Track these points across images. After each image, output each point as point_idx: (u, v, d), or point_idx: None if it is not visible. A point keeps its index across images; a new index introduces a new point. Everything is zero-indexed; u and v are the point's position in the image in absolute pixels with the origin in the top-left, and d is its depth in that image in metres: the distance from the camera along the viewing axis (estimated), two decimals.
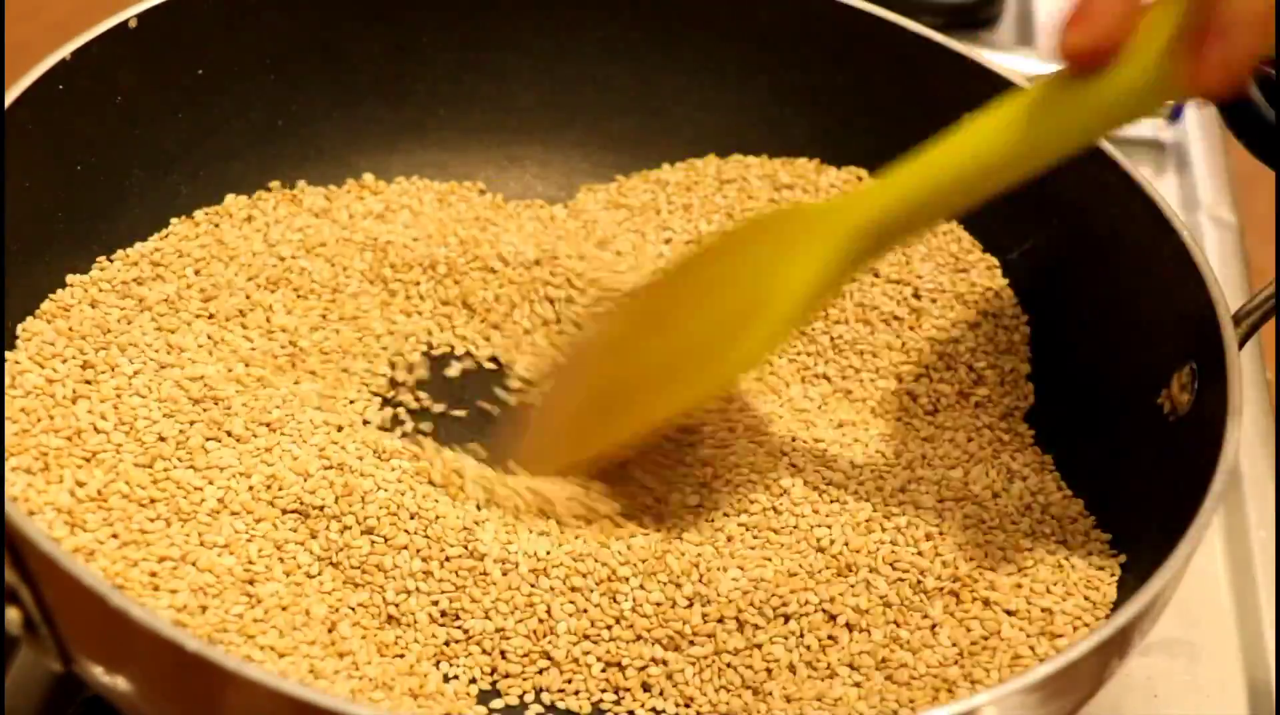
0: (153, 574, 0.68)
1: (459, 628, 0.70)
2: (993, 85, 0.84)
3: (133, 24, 0.79)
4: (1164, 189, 0.76)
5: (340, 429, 0.75)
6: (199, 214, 0.84)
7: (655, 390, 0.73)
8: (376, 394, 0.80)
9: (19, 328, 0.75)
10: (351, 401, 0.79)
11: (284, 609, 0.68)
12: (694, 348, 0.72)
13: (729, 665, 0.69)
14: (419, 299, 0.83)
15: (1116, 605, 0.63)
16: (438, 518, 0.71)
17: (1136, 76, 0.61)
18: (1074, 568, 0.72)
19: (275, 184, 0.86)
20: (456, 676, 0.69)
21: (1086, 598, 0.71)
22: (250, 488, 0.72)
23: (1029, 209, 0.84)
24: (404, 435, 0.78)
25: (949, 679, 0.69)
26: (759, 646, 0.70)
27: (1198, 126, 1.08)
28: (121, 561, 0.67)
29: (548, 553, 0.71)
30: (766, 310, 0.69)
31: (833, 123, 0.89)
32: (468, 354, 0.82)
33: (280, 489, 0.72)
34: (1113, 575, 0.71)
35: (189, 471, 0.72)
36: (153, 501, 0.70)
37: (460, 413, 0.80)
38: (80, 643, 0.61)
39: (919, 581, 0.71)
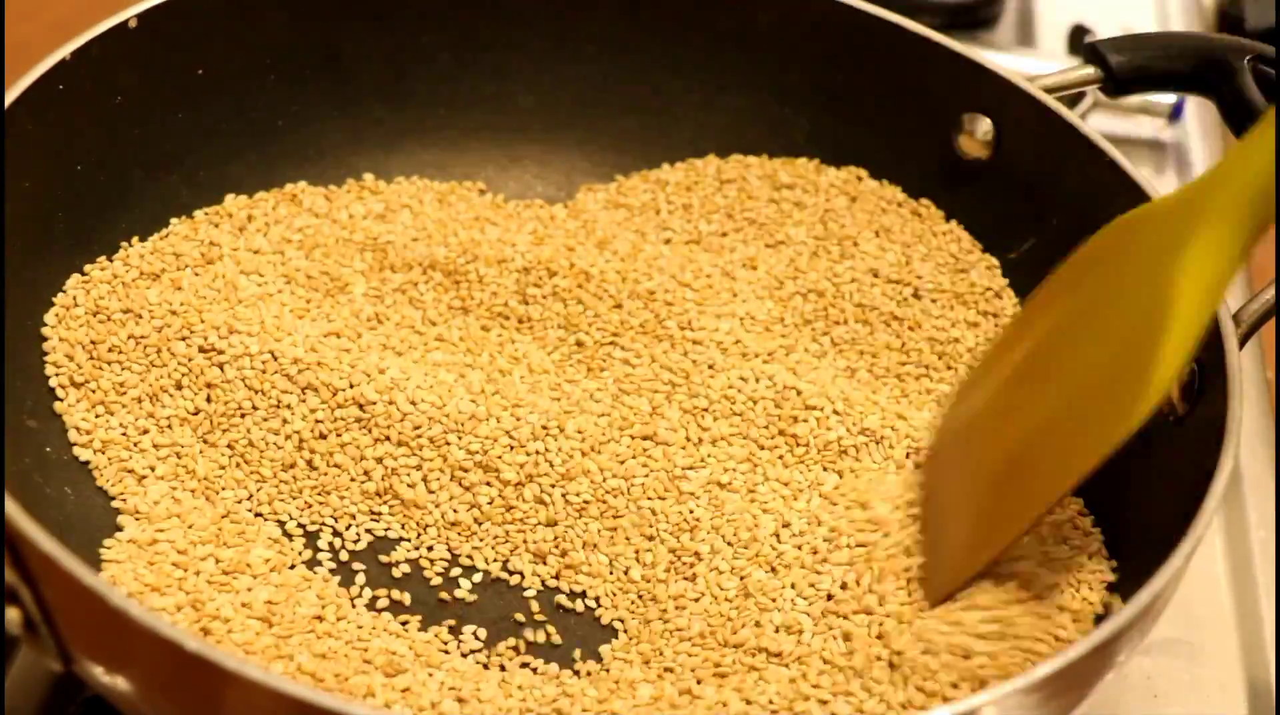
0: None
1: None
2: (993, 85, 0.84)
3: (132, 24, 0.79)
4: (1164, 189, 0.76)
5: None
6: (199, 214, 0.84)
7: (1058, 450, 0.66)
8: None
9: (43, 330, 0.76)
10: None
11: None
12: (1090, 386, 0.66)
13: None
14: (417, 295, 0.83)
15: (1116, 606, 0.63)
16: None
17: None
18: (1069, 568, 0.72)
19: (275, 184, 0.86)
20: None
21: (1084, 598, 0.71)
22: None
23: (1029, 209, 0.84)
24: None
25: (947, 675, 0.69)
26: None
27: (1198, 126, 1.08)
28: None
29: None
30: (1169, 320, 0.62)
31: (833, 123, 0.89)
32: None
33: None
34: (1102, 580, 0.71)
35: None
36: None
37: None
38: (80, 642, 0.61)
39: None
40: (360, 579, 0.73)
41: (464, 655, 0.71)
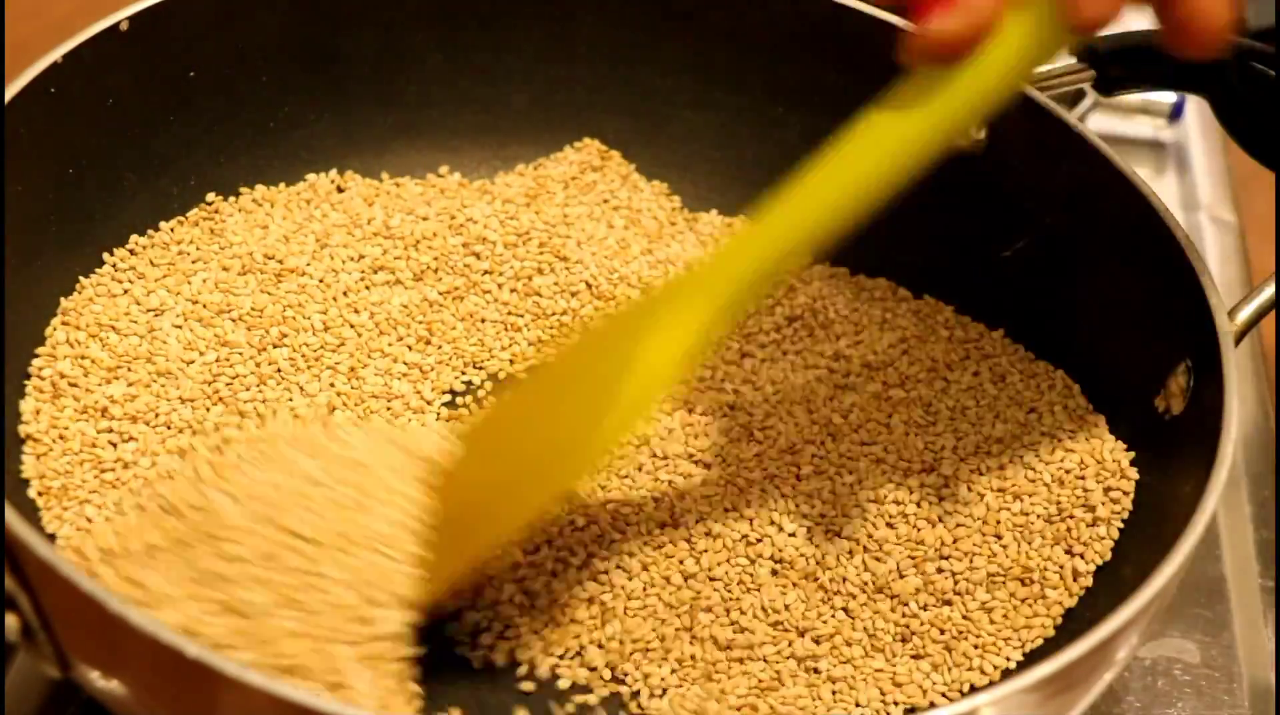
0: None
1: None
2: None
3: (124, 27, 0.78)
4: (1164, 189, 0.76)
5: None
6: (192, 213, 0.83)
7: (526, 486, 0.69)
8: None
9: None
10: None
11: None
12: (560, 438, 0.68)
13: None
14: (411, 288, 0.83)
15: (1117, 605, 0.63)
16: None
17: (1015, 42, 0.60)
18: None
19: (266, 186, 0.86)
20: None
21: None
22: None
23: (1021, 207, 0.84)
24: None
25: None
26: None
27: (1198, 126, 1.08)
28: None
29: None
30: (625, 386, 0.66)
31: (826, 121, 0.88)
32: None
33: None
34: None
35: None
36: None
37: None
38: (78, 649, 0.61)
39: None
40: None
41: None
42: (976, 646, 0.72)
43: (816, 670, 0.71)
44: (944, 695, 0.71)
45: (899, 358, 0.83)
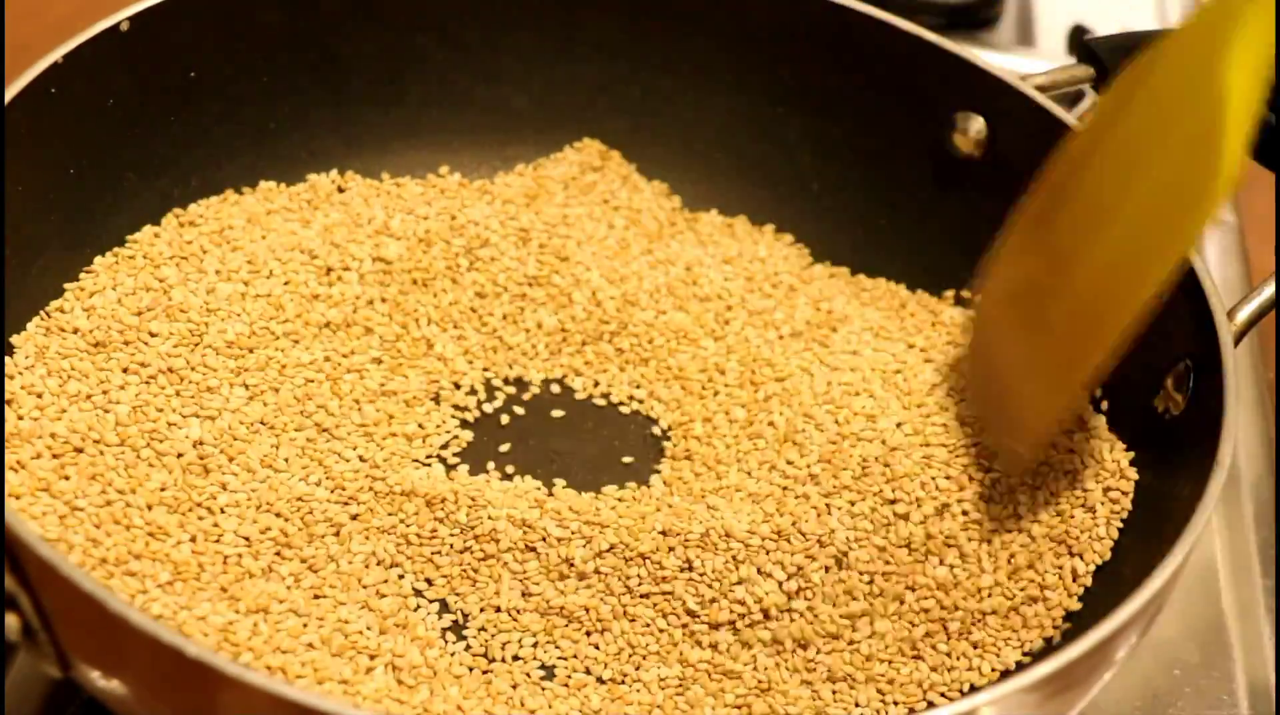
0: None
1: None
2: (985, 84, 0.84)
3: (124, 27, 0.78)
4: None
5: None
6: (192, 208, 0.83)
7: (1128, 272, 0.66)
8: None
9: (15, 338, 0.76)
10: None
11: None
12: (1155, 205, 0.65)
13: None
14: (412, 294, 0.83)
15: (1117, 605, 0.63)
16: None
17: None
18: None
19: (267, 185, 0.86)
20: None
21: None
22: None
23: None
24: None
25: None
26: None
27: None
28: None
29: None
30: (1225, 114, 0.62)
31: (825, 122, 0.89)
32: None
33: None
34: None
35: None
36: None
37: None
38: (78, 648, 0.61)
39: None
40: None
41: None
42: (976, 646, 0.72)
43: (814, 669, 0.71)
44: (943, 695, 0.71)
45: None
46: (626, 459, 0.79)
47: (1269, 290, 0.74)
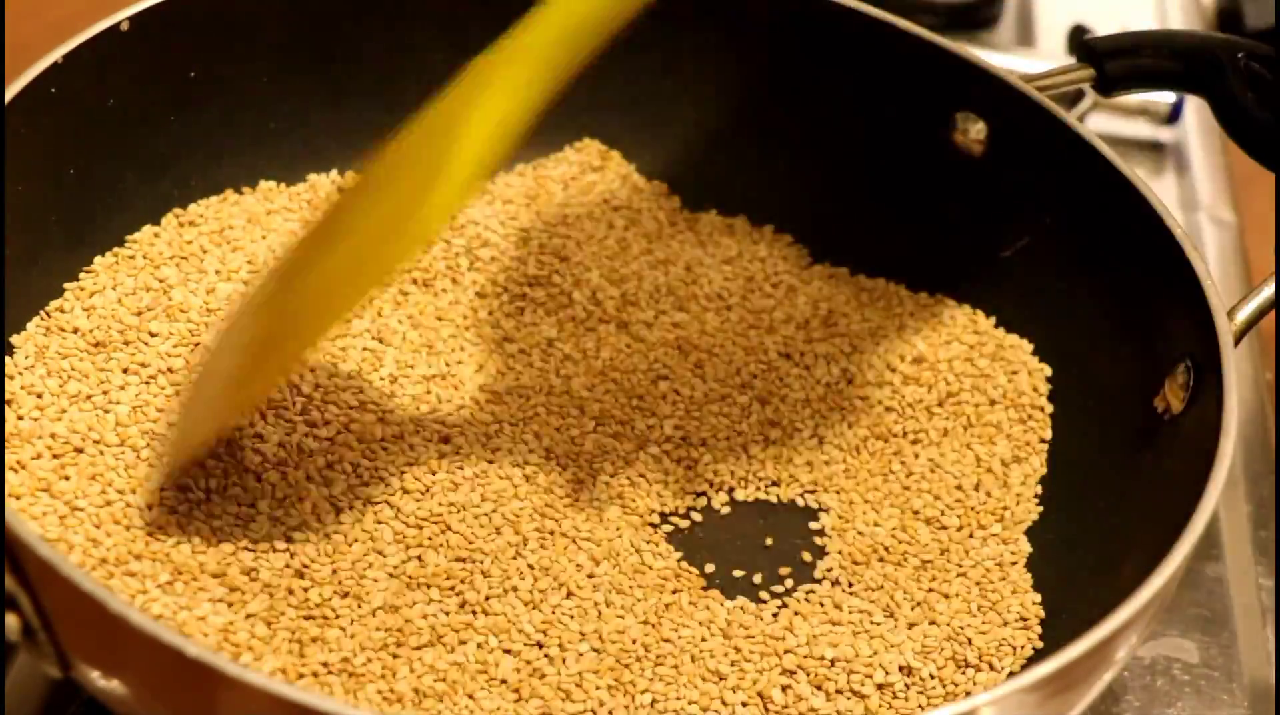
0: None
1: None
2: (985, 84, 0.84)
3: (124, 27, 0.78)
4: (1163, 189, 0.76)
5: None
6: (192, 208, 0.83)
7: (333, 290, 0.67)
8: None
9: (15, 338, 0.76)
10: None
11: None
12: (371, 234, 0.67)
13: None
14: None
15: (1117, 605, 0.63)
16: None
17: None
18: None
19: (267, 185, 0.86)
20: None
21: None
22: None
23: (1022, 208, 0.84)
24: None
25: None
26: None
27: (1196, 127, 1.08)
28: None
29: None
30: (450, 155, 0.65)
31: (829, 124, 0.89)
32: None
33: None
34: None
35: None
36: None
37: None
38: (79, 648, 0.61)
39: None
40: None
41: None
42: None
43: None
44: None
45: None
46: None
47: (1269, 290, 0.74)
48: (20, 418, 0.72)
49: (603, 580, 0.72)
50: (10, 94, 0.73)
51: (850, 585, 0.74)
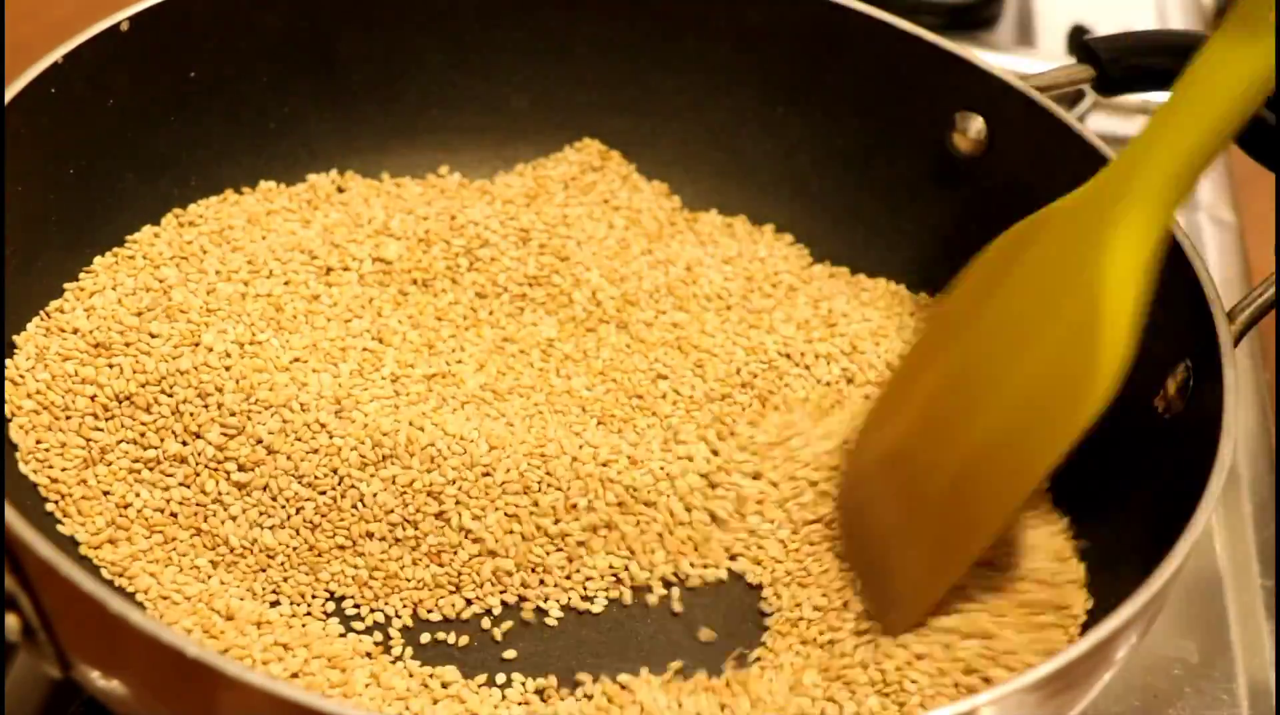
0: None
1: None
2: (984, 84, 0.84)
3: (124, 27, 0.78)
4: None
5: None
6: (192, 208, 0.83)
7: (1005, 464, 0.65)
8: None
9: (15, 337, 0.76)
10: None
11: None
12: (1030, 395, 0.65)
13: None
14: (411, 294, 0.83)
15: (1117, 605, 0.63)
16: None
17: None
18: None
19: (267, 185, 0.86)
20: None
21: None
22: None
23: (1022, 207, 0.84)
24: None
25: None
26: None
27: None
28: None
29: None
30: (1102, 315, 0.62)
31: (828, 124, 0.89)
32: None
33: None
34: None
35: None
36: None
37: None
38: (79, 649, 0.61)
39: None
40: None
41: None
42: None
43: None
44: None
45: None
46: None
47: (1269, 290, 0.74)
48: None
49: None
50: (10, 94, 0.73)
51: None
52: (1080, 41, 0.85)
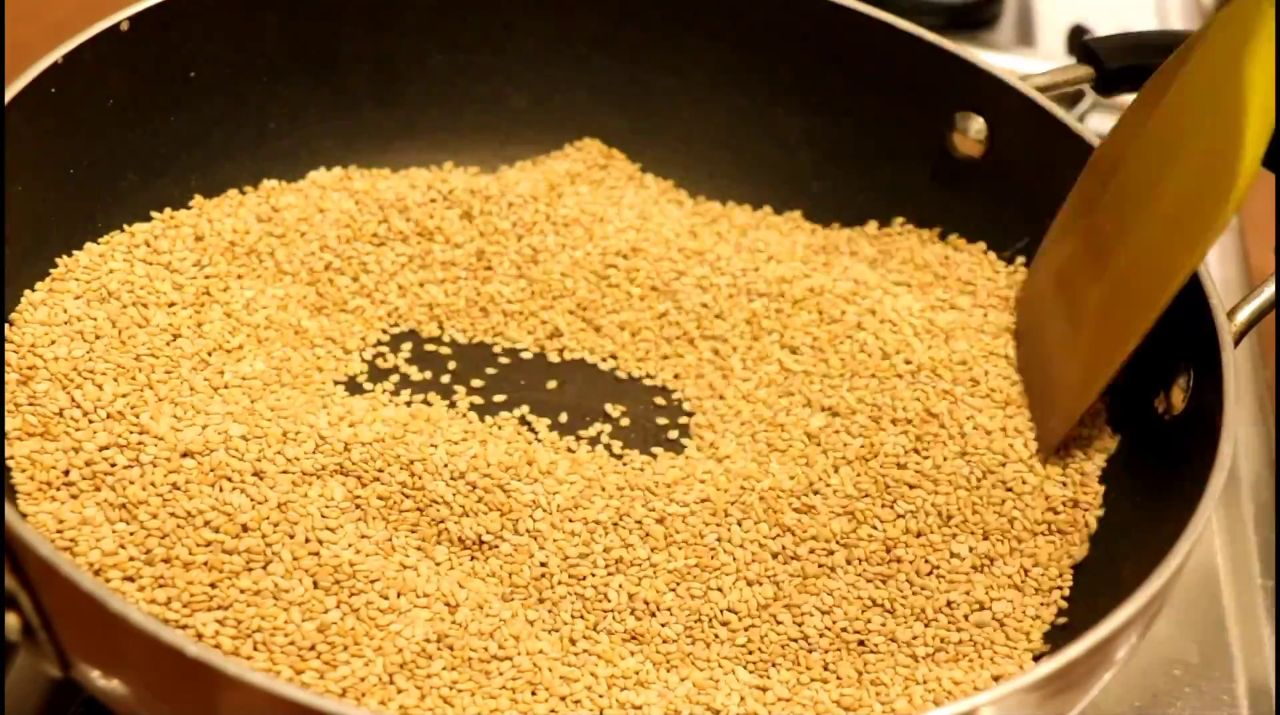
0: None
1: None
2: (985, 84, 0.84)
3: (124, 27, 0.79)
4: None
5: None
6: (192, 207, 0.83)
7: (1155, 264, 0.70)
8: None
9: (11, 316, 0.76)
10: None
11: None
12: (1180, 197, 0.70)
13: None
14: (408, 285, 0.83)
15: (1117, 605, 0.63)
16: None
17: None
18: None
19: (268, 185, 0.86)
20: None
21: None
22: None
23: (1022, 207, 0.84)
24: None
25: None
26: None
27: None
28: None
29: None
30: (1246, 112, 0.66)
31: (826, 122, 0.89)
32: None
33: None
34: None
35: None
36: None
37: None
38: (78, 648, 0.61)
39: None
40: None
41: None
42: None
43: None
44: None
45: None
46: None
47: (1269, 290, 0.74)
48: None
49: None
50: (10, 94, 0.73)
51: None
52: (1080, 41, 0.85)
